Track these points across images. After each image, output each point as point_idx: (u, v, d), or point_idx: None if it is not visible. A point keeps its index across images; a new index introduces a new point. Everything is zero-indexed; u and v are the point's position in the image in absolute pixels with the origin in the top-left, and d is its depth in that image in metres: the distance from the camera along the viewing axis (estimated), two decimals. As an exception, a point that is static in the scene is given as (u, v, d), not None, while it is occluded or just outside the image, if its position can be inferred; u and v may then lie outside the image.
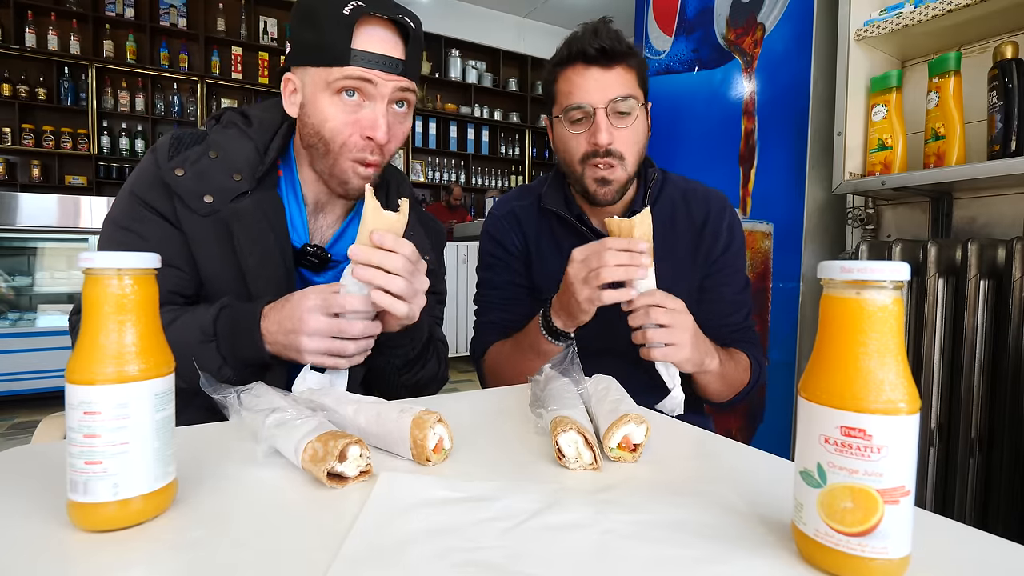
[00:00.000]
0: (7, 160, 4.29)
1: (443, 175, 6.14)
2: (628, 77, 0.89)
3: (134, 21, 4.62)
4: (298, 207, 0.84)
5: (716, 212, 1.00)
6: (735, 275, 1.02)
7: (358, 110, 0.76)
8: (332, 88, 0.74)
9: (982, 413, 1.21)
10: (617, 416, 0.54)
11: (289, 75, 0.79)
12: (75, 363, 0.39)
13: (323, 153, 0.78)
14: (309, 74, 0.76)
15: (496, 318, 1.03)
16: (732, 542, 0.39)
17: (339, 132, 0.76)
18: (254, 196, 0.78)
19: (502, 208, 1.07)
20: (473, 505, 0.43)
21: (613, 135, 0.88)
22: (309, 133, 0.78)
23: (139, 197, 0.77)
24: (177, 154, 0.76)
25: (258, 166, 0.79)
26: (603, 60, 0.87)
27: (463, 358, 4.42)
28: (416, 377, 0.85)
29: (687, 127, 1.94)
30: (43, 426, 0.80)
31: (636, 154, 0.92)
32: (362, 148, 0.77)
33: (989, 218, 1.39)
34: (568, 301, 0.81)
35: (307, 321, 0.66)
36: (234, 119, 0.82)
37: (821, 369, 0.36)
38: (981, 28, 1.33)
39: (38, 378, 2.98)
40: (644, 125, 0.93)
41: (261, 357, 0.71)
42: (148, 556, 0.37)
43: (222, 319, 0.71)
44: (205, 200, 0.75)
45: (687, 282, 0.98)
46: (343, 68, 0.73)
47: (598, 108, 0.88)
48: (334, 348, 0.68)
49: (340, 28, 0.71)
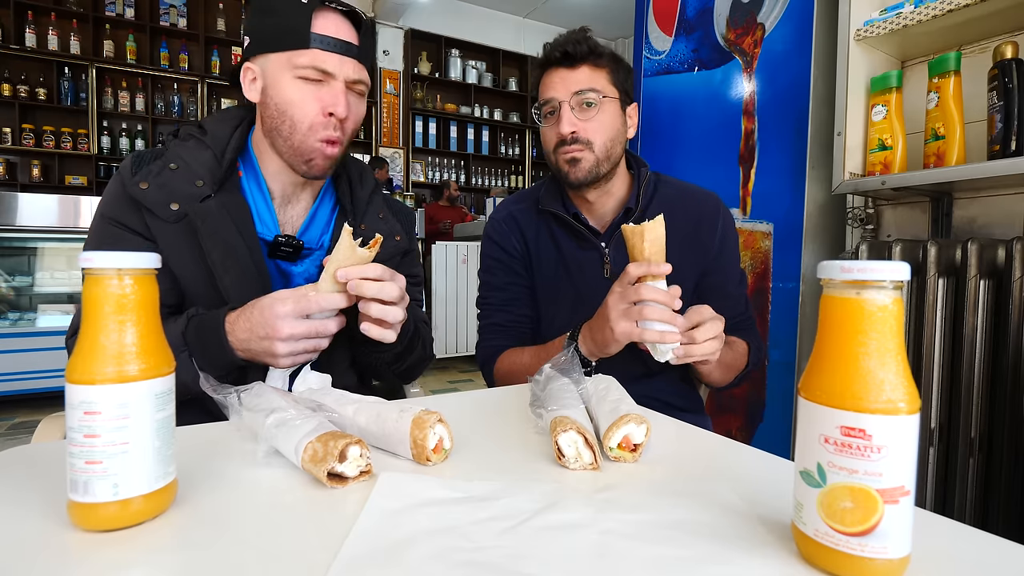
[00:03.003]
0: (7, 160, 4.30)
1: (443, 175, 6.14)
2: (595, 75, 0.96)
3: (134, 21, 4.62)
4: (264, 201, 0.87)
5: (710, 212, 1.04)
6: (731, 271, 1.06)
7: (318, 90, 0.81)
8: (294, 71, 0.79)
9: (982, 413, 1.21)
10: (617, 416, 0.54)
11: (249, 64, 0.84)
12: (75, 363, 0.39)
13: (288, 133, 0.81)
14: (270, 60, 0.81)
15: (500, 319, 1.06)
16: (732, 542, 0.39)
17: (305, 111, 0.80)
18: (217, 198, 0.81)
19: (501, 212, 1.12)
20: (473, 505, 0.43)
21: (577, 124, 0.95)
22: (272, 115, 0.82)
23: (109, 217, 0.80)
24: (139, 169, 0.80)
25: (217, 170, 0.82)
26: (566, 62, 0.96)
27: (463, 358, 4.42)
28: (405, 365, 0.90)
29: (687, 127, 1.94)
30: (43, 426, 0.80)
31: (605, 142, 0.97)
32: (325, 125, 0.81)
33: (989, 218, 1.39)
34: (603, 329, 0.82)
35: (281, 328, 0.68)
36: (191, 132, 0.86)
37: (821, 369, 0.36)
38: (981, 28, 1.33)
39: (38, 378, 2.98)
40: (615, 118, 0.98)
41: (233, 362, 0.72)
42: (148, 556, 0.37)
43: (190, 329, 0.74)
44: (172, 207, 0.78)
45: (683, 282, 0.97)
46: (304, 51, 0.78)
47: (563, 101, 0.96)
48: (309, 347, 0.71)
49: (300, 16, 0.78)
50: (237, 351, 0.71)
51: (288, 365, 0.71)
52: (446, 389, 3.72)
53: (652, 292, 0.76)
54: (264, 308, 0.69)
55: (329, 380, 0.70)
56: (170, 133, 0.88)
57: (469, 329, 4.29)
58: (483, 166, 6.44)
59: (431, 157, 6.12)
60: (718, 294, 1.02)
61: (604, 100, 0.96)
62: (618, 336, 0.80)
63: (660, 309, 0.77)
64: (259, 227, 0.84)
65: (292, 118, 0.80)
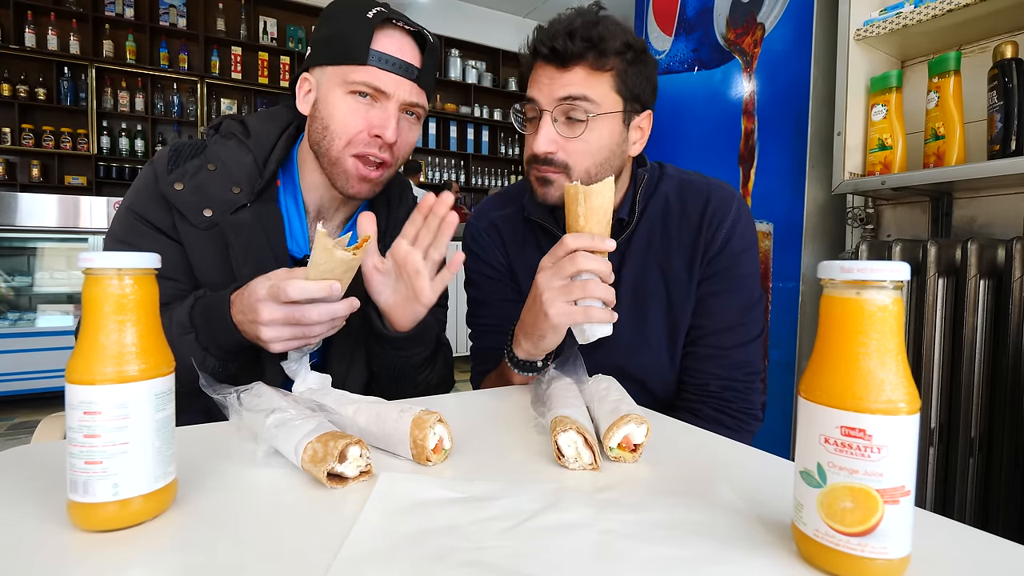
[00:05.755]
0: (7, 160, 4.29)
1: (443, 175, 6.14)
2: (592, 80, 0.76)
3: (134, 21, 4.62)
4: (299, 216, 0.84)
5: (716, 204, 0.84)
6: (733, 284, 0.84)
7: (369, 109, 0.77)
8: (346, 87, 0.76)
9: (982, 413, 1.21)
10: (618, 416, 0.54)
11: (306, 75, 0.81)
12: (75, 363, 0.39)
13: (327, 148, 0.79)
14: (326, 73, 0.78)
15: (494, 342, 0.90)
16: (732, 542, 0.39)
17: (347, 127, 0.77)
18: (253, 208, 0.79)
19: (482, 220, 0.96)
20: (473, 505, 0.43)
21: (557, 142, 0.76)
22: (317, 129, 0.79)
23: (137, 213, 0.78)
24: (176, 166, 0.77)
25: (257, 179, 0.80)
26: (556, 60, 0.76)
27: (463, 358, 4.42)
28: (430, 376, 0.86)
29: (687, 127, 1.94)
30: (43, 426, 0.80)
31: (588, 167, 0.78)
32: (368, 144, 0.78)
33: (989, 218, 1.39)
34: (535, 317, 0.70)
35: (260, 311, 0.64)
36: (233, 129, 0.83)
37: (821, 369, 0.36)
38: (981, 28, 1.33)
39: (38, 378, 2.98)
40: (609, 136, 0.79)
41: (239, 341, 0.70)
42: (148, 556, 0.37)
43: (197, 309, 0.71)
44: (205, 214, 0.76)
45: (683, 294, 0.85)
46: (360, 67, 0.75)
47: (544, 110, 0.77)
48: (296, 333, 0.66)
49: (361, 29, 0.75)
50: (240, 330, 0.69)
51: (279, 350, 0.68)
52: (446, 389, 3.72)
53: (592, 261, 0.65)
54: (250, 290, 0.66)
55: (329, 380, 0.70)
56: (211, 126, 0.85)
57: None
58: (483, 166, 6.44)
59: (431, 157, 6.11)
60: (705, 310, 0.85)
61: (598, 116, 0.76)
62: (553, 320, 0.67)
63: (604, 287, 0.66)
64: (290, 244, 0.82)
65: (332, 132, 0.77)
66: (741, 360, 0.85)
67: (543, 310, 0.68)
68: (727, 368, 0.84)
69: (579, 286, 0.66)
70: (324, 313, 0.64)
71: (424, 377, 0.85)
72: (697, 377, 0.86)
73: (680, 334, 0.86)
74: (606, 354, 0.84)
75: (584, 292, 0.66)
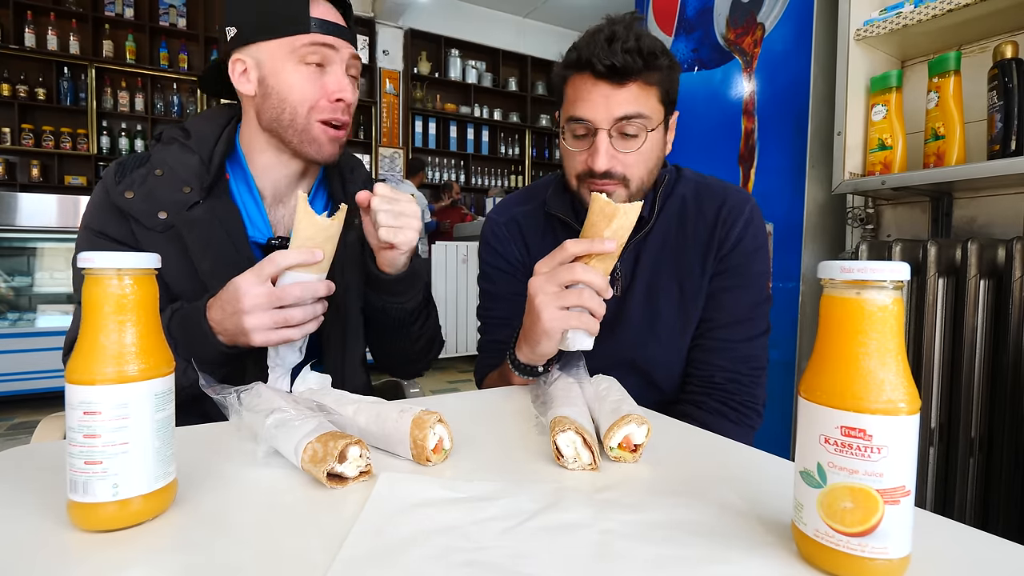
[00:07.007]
0: (7, 160, 4.29)
1: (443, 175, 6.14)
2: (644, 95, 0.78)
3: (134, 21, 4.62)
4: (255, 204, 0.85)
5: (732, 204, 0.87)
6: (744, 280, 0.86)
7: (323, 75, 0.81)
8: (296, 56, 0.79)
9: (982, 413, 1.21)
10: (618, 416, 0.54)
11: (238, 55, 0.81)
12: (75, 363, 0.39)
13: (289, 122, 0.81)
14: (266, 49, 0.80)
15: (502, 336, 0.92)
16: (732, 542, 0.39)
17: (306, 95, 0.80)
18: (207, 204, 0.80)
19: (503, 214, 0.98)
20: (473, 505, 0.43)
21: (616, 158, 0.79)
22: (273, 105, 0.81)
23: (94, 230, 0.79)
24: (124, 177, 0.79)
25: (205, 175, 0.81)
26: (613, 77, 0.77)
27: (463, 358, 4.41)
28: (424, 329, 0.91)
29: (687, 127, 1.94)
30: (43, 426, 0.79)
31: (643, 175, 0.82)
32: (332, 110, 0.81)
33: (989, 218, 1.39)
34: (532, 322, 0.70)
35: (242, 298, 0.66)
36: (174, 135, 0.85)
37: (821, 369, 0.36)
38: (981, 28, 1.33)
39: (38, 378, 2.98)
40: (658, 145, 0.83)
41: (217, 350, 0.70)
42: (148, 556, 0.37)
43: (174, 322, 0.73)
44: (160, 216, 0.77)
45: (695, 289, 0.87)
46: (306, 35, 0.78)
47: (600, 129, 0.78)
48: (278, 319, 0.67)
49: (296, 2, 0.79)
50: (218, 335, 0.70)
51: (262, 341, 0.68)
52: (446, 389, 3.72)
53: (590, 273, 0.66)
54: (232, 283, 0.68)
55: (329, 380, 0.70)
56: (153, 137, 0.87)
57: (469, 329, 4.29)
58: (483, 166, 6.44)
59: (431, 157, 6.11)
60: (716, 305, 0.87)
61: (652, 128, 0.79)
62: (546, 324, 0.68)
63: (598, 300, 0.67)
64: (251, 231, 0.83)
65: (293, 103, 0.80)
66: (748, 354, 0.86)
67: (537, 313, 0.69)
68: (733, 361, 0.86)
69: (574, 293, 0.67)
70: (306, 290, 0.68)
71: (418, 328, 0.89)
72: (703, 369, 0.87)
73: (690, 329, 0.88)
74: (618, 347, 0.86)
75: (579, 300, 0.67)
